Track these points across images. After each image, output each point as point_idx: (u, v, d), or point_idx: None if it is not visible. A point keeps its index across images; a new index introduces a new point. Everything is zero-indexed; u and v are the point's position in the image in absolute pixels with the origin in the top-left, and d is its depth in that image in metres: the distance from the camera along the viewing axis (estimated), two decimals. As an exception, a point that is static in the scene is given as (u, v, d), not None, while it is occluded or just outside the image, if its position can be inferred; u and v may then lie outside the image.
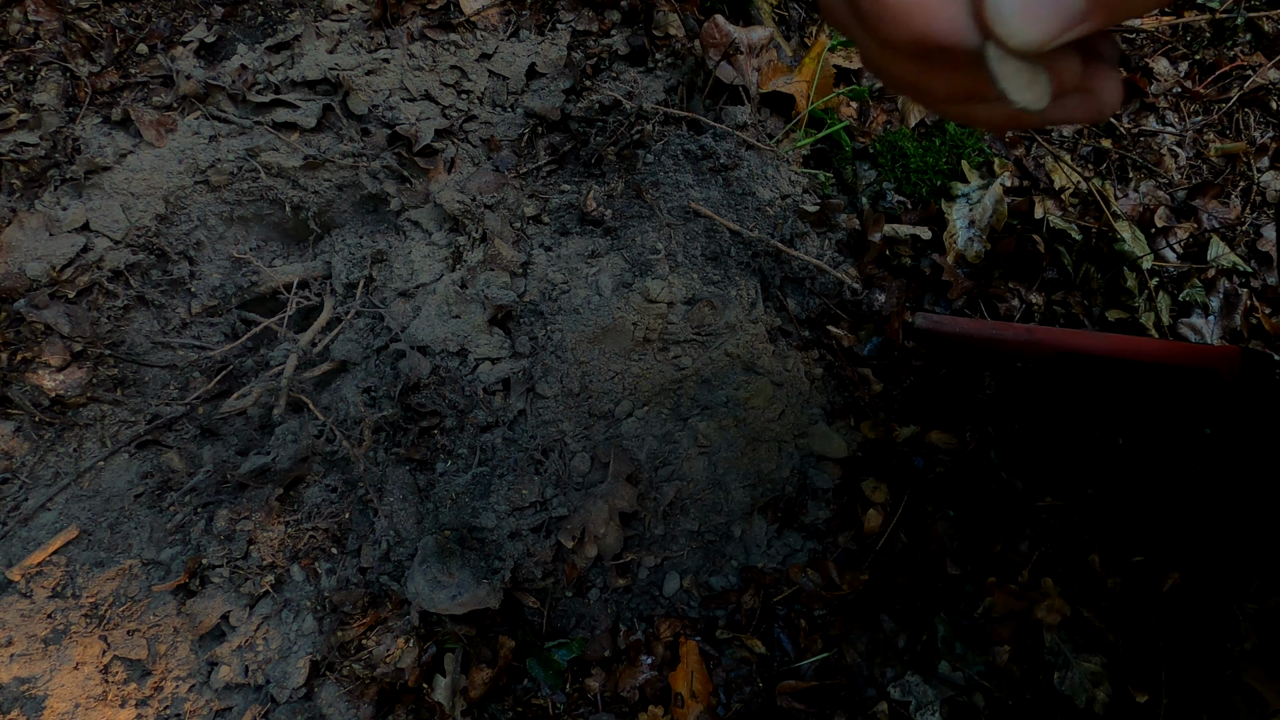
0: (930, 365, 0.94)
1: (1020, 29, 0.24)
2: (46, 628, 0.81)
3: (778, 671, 0.83)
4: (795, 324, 0.97)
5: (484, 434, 0.90)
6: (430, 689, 0.81)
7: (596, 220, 0.97)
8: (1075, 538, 0.87)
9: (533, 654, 0.84)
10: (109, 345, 0.95)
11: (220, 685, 0.81)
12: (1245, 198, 1.03)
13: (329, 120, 1.00)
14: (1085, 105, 0.27)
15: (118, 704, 0.80)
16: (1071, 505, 0.87)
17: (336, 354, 0.94)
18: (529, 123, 1.02)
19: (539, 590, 0.86)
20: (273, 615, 0.84)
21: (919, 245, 1.00)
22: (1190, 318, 0.97)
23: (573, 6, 1.08)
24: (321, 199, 1.01)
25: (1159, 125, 1.07)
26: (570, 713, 0.83)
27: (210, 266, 1.01)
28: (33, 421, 0.91)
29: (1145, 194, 1.04)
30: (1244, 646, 0.80)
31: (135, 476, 0.91)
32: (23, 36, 1.02)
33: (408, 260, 0.95)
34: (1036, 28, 0.24)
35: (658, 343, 0.91)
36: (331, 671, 0.81)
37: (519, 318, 0.93)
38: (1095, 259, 0.98)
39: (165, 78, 1.01)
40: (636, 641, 0.84)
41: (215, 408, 0.94)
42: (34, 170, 0.95)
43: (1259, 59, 1.09)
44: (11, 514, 0.87)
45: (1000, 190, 1.01)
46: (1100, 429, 0.83)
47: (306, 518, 0.87)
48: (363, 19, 1.04)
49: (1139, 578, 0.85)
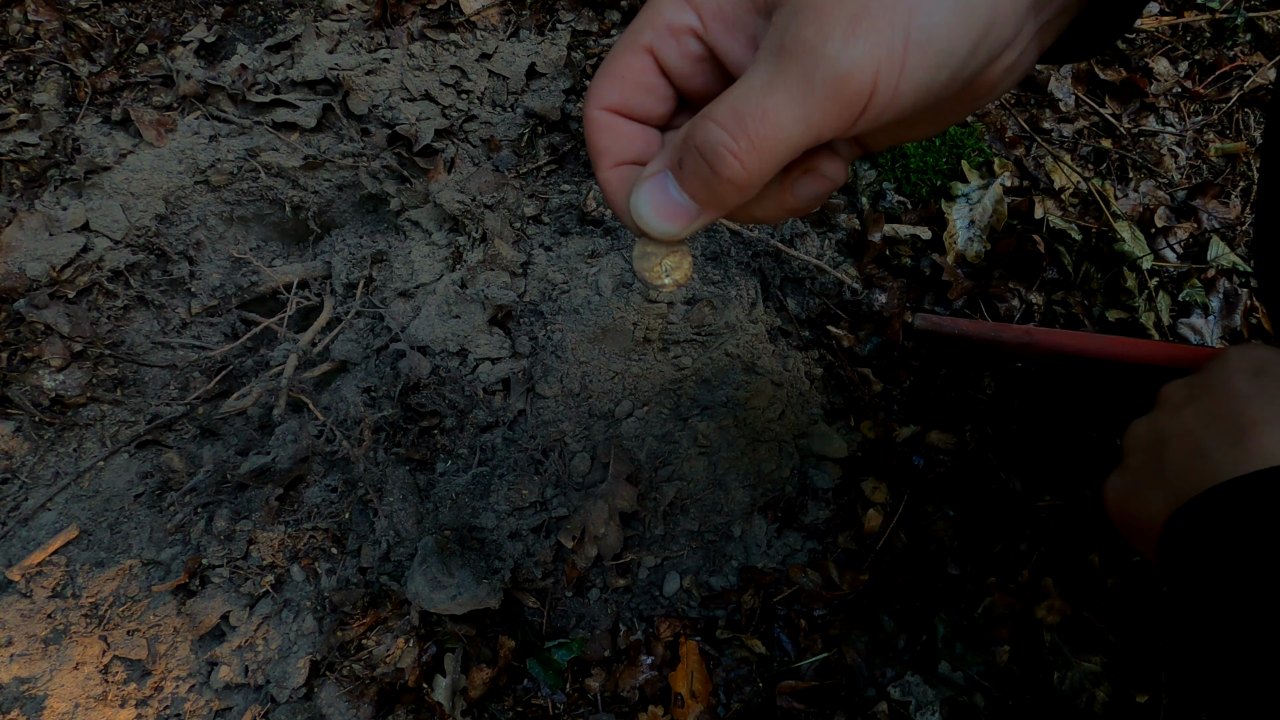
0: (930, 365, 0.94)
1: (654, 225, 0.33)
2: (46, 628, 0.81)
3: (778, 671, 0.83)
4: (795, 324, 0.97)
5: (484, 434, 0.90)
6: (430, 689, 0.81)
7: (596, 220, 0.97)
8: (1075, 538, 0.87)
9: (533, 654, 0.84)
10: (109, 345, 0.95)
11: (220, 685, 0.81)
12: (1245, 198, 1.03)
13: (329, 120, 1.00)
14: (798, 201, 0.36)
15: (118, 704, 0.80)
16: (1071, 505, 0.87)
17: (336, 354, 0.94)
18: (529, 123, 1.02)
19: (539, 590, 0.86)
20: (273, 615, 0.84)
21: (919, 245, 1.00)
22: (1190, 318, 0.97)
23: (573, 6, 1.08)
24: (321, 199, 1.01)
25: (1159, 125, 1.07)
26: (570, 713, 0.83)
27: (210, 266, 1.01)
28: (33, 421, 0.91)
29: (1145, 194, 1.04)
30: (1244, 646, 0.79)
31: (135, 476, 0.91)
32: (23, 36, 1.02)
33: (408, 260, 0.95)
34: (668, 226, 0.33)
35: (658, 343, 0.91)
36: (331, 671, 0.81)
37: (519, 318, 0.93)
38: (1095, 259, 0.98)
39: (165, 78, 1.01)
40: (636, 641, 0.84)
41: (215, 408, 0.94)
42: (34, 170, 0.95)
43: (1259, 59, 1.09)
44: (11, 514, 0.87)
45: (1000, 190, 1.01)
46: (1099, 430, 0.83)
47: (306, 518, 0.87)
48: (363, 19, 1.04)
49: (1139, 578, 0.85)
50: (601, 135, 0.35)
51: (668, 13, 0.33)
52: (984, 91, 0.35)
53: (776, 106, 0.28)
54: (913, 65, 0.28)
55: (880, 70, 0.27)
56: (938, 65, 0.29)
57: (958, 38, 0.29)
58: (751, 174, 0.30)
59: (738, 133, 0.29)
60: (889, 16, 0.27)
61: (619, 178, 0.35)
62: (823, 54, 0.27)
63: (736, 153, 0.29)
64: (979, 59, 0.30)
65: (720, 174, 0.30)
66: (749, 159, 0.29)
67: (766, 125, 0.28)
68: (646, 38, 0.34)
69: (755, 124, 0.29)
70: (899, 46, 0.27)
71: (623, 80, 0.34)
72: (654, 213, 0.33)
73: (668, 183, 0.32)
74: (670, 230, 0.33)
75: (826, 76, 0.27)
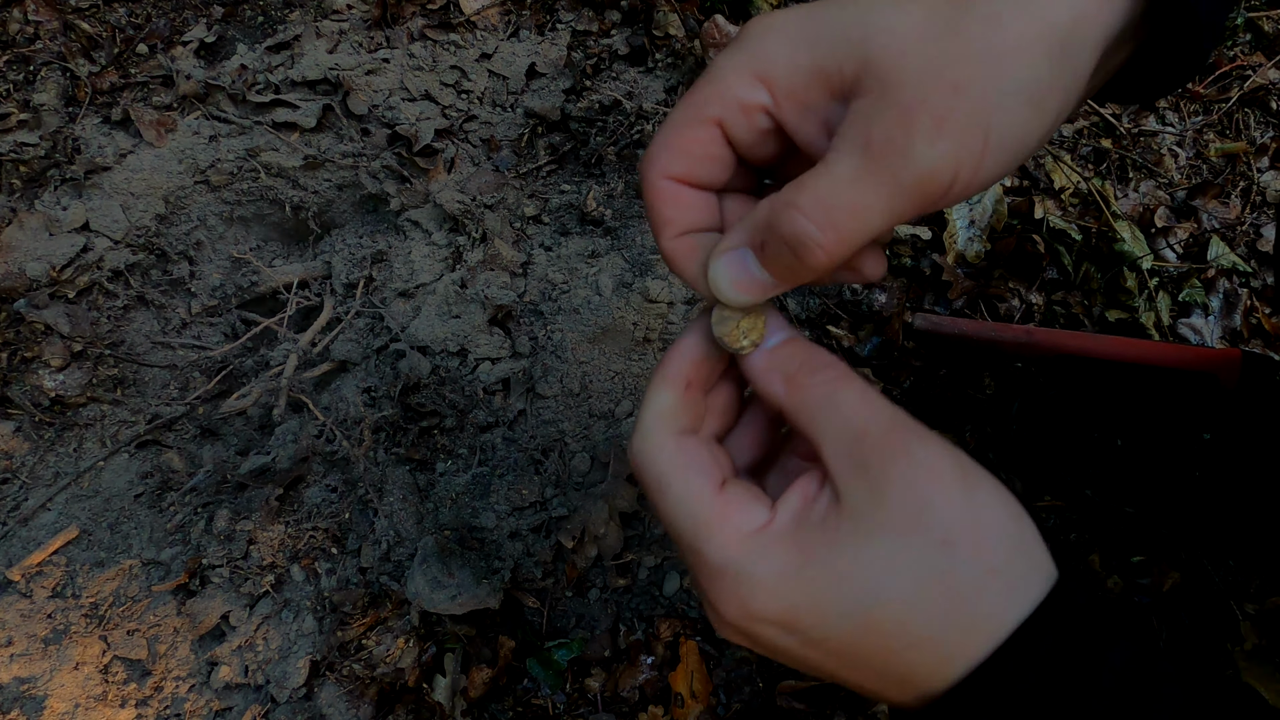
0: (930, 365, 0.94)
1: (732, 298, 0.35)
2: (46, 628, 0.81)
3: (778, 671, 0.83)
4: (795, 324, 0.97)
5: (484, 434, 0.90)
6: (430, 689, 0.81)
7: (596, 220, 0.97)
8: (1075, 538, 0.87)
9: (533, 654, 0.84)
10: (109, 345, 0.95)
11: (220, 685, 0.81)
12: (1245, 198, 1.03)
13: (329, 120, 1.00)
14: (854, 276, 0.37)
15: (118, 704, 0.80)
16: (1071, 505, 0.87)
17: (336, 354, 0.94)
18: (529, 123, 1.02)
19: (539, 590, 0.86)
20: (273, 615, 0.84)
21: (919, 245, 1.00)
22: (1190, 318, 0.97)
23: (573, 6, 1.08)
24: (321, 199, 1.01)
25: (1159, 125, 1.07)
26: (570, 713, 0.83)
27: (210, 266, 1.01)
28: (33, 421, 0.91)
29: (1145, 194, 1.04)
30: (1244, 646, 0.80)
31: (135, 476, 0.91)
32: (23, 36, 1.02)
33: (408, 260, 0.95)
34: (746, 299, 0.34)
35: (658, 343, 0.91)
36: (331, 671, 0.81)
37: (519, 318, 0.93)
38: (1095, 259, 0.98)
39: (165, 78, 1.01)
40: (636, 641, 0.84)
41: (215, 408, 0.94)
42: (34, 170, 0.95)
43: (1259, 59, 1.09)
44: (11, 514, 0.87)
45: (1000, 190, 1.01)
46: (1099, 431, 0.83)
47: (306, 518, 0.87)
48: (363, 19, 1.04)
49: (1139, 578, 0.85)
50: (666, 205, 0.36)
51: (739, 90, 0.33)
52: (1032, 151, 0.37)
53: (866, 203, 0.30)
54: (990, 162, 0.30)
55: (960, 168, 0.29)
56: (1012, 158, 0.30)
57: (1032, 133, 0.30)
58: (835, 261, 0.31)
59: (826, 226, 0.30)
60: (970, 118, 0.28)
61: (688, 246, 0.36)
62: (910, 156, 0.29)
63: (824, 244, 0.31)
64: (1045, 139, 0.32)
65: (805, 262, 0.31)
66: (835, 250, 0.31)
67: (855, 221, 0.30)
68: (715, 111, 0.34)
69: (845, 218, 0.30)
70: (979, 146, 0.29)
71: (689, 152, 0.35)
72: (732, 285, 0.34)
73: (747, 259, 0.34)
74: (747, 300, 0.35)
75: (914, 177, 0.29)
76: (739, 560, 0.32)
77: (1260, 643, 0.79)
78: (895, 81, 0.29)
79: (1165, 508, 0.82)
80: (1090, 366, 0.85)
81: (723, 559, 0.32)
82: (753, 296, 0.34)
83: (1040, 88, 0.29)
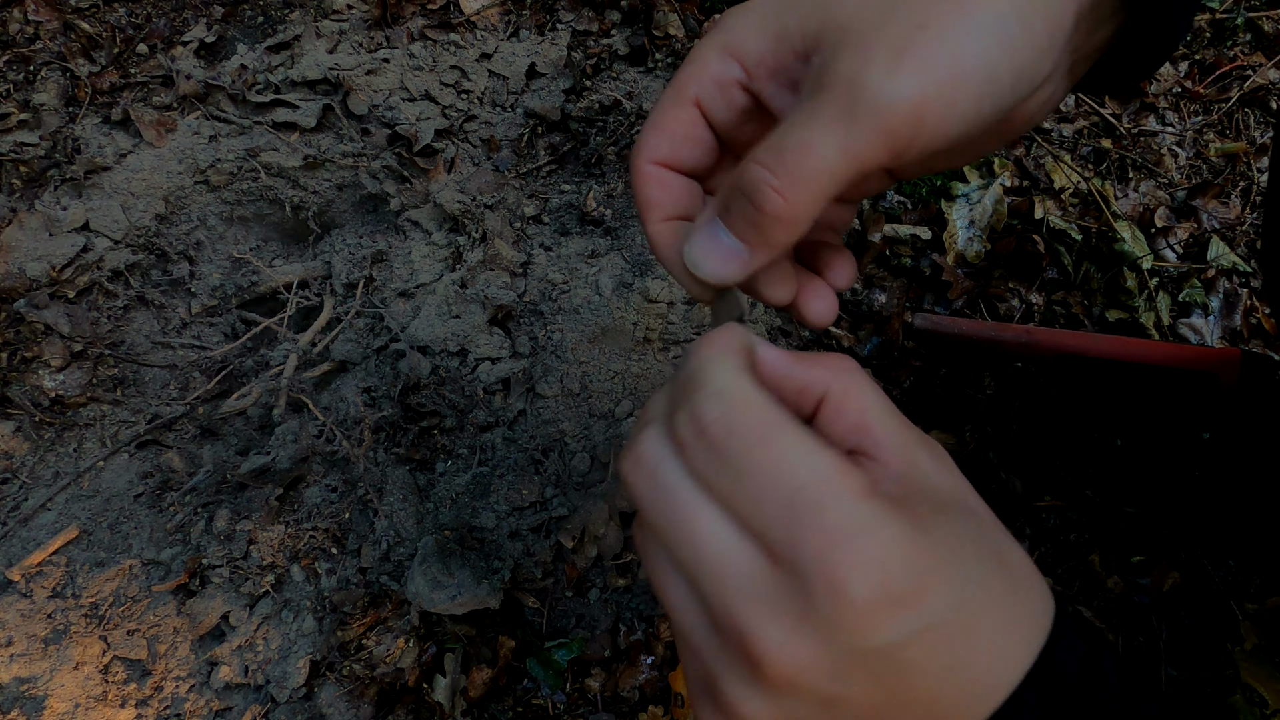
0: (930, 365, 0.94)
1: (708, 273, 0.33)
2: (46, 628, 0.81)
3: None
4: (795, 324, 0.97)
5: (484, 434, 0.90)
6: (430, 689, 0.81)
7: (596, 220, 0.97)
8: (1075, 538, 0.87)
9: (533, 654, 0.84)
10: (109, 345, 0.95)
11: (220, 685, 0.81)
12: (1245, 198, 1.03)
13: (329, 120, 1.00)
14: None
15: (118, 704, 0.80)
16: (1071, 505, 0.87)
17: (336, 354, 0.94)
18: (529, 123, 1.02)
19: (539, 590, 0.86)
20: (273, 615, 0.84)
21: (919, 245, 1.00)
22: (1190, 318, 0.97)
23: (573, 6, 1.08)
24: (321, 199, 1.01)
25: (1159, 125, 1.07)
26: (570, 713, 0.83)
27: (210, 266, 1.01)
28: (33, 421, 0.91)
29: (1145, 194, 1.04)
30: (1244, 646, 0.80)
31: (135, 476, 0.91)
32: (23, 36, 1.02)
33: (408, 260, 0.95)
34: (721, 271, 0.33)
35: (658, 343, 0.91)
36: (331, 671, 0.81)
37: (519, 318, 0.93)
38: (1095, 259, 0.98)
39: (165, 78, 1.01)
40: (636, 641, 0.84)
41: (215, 408, 0.94)
42: (34, 170, 0.95)
43: (1259, 59, 1.09)
44: (11, 514, 0.87)
45: (1000, 190, 1.01)
46: (1099, 430, 0.83)
47: (306, 518, 0.87)
48: (363, 19, 1.04)
49: (1139, 578, 0.85)
50: (651, 189, 0.35)
51: (712, 66, 0.33)
52: (1019, 124, 0.35)
53: (817, 139, 0.28)
54: (959, 98, 0.28)
55: (926, 103, 0.28)
56: (981, 97, 0.29)
57: (1001, 71, 0.29)
58: (795, 208, 0.29)
59: (778, 168, 0.29)
60: (933, 49, 0.27)
61: (670, 231, 0.36)
62: (864, 85, 0.27)
63: (778, 188, 0.29)
64: (1020, 91, 0.30)
65: (764, 210, 0.30)
66: (791, 192, 0.29)
67: (807, 157, 0.28)
68: (692, 91, 0.34)
69: (795, 157, 0.29)
70: (944, 78, 0.28)
71: (671, 134, 0.35)
72: (706, 259, 0.33)
73: (717, 229, 0.32)
74: (723, 275, 0.33)
75: (868, 107, 0.27)
76: (878, 516, 0.25)
77: (1260, 643, 0.79)
78: (854, 27, 0.29)
79: (1165, 508, 0.82)
80: (1090, 366, 0.85)
81: (857, 516, 0.25)
82: (729, 270, 0.32)
83: (1008, 26, 0.29)
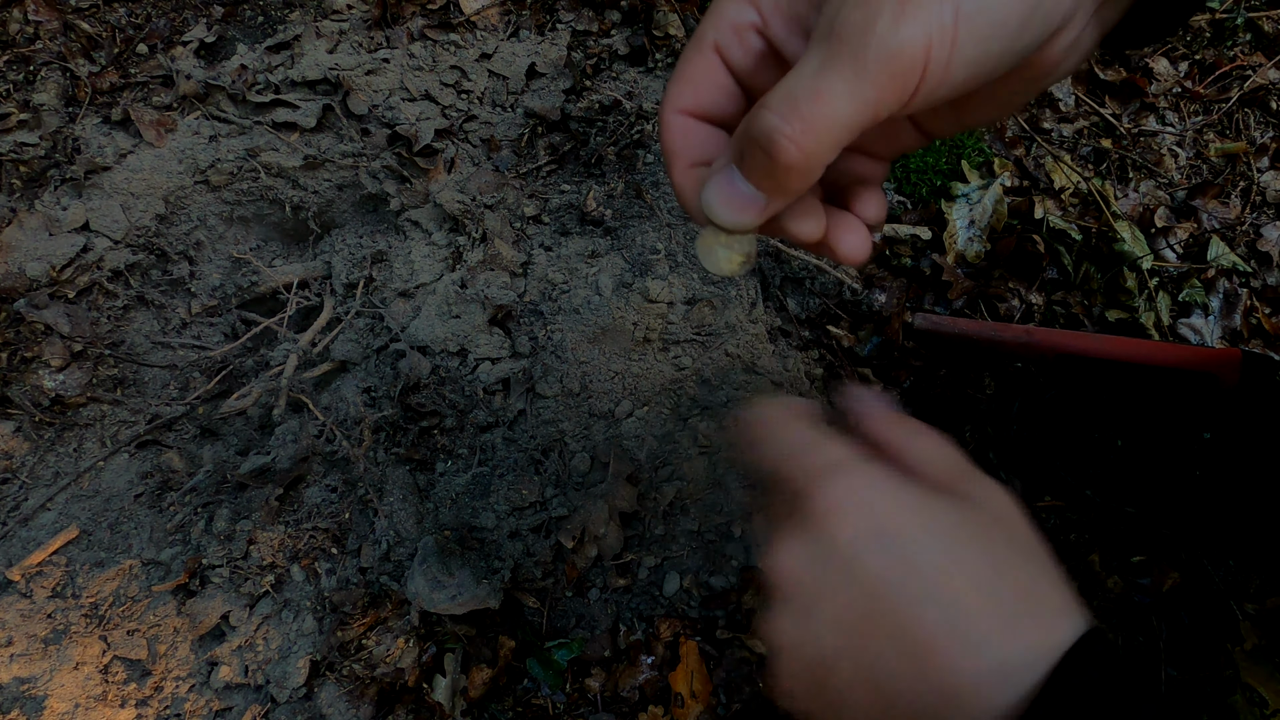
0: (930, 365, 0.94)
1: (724, 218, 0.33)
2: (46, 628, 0.81)
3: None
4: (795, 324, 0.97)
5: (484, 434, 0.90)
6: (430, 689, 0.81)
7: (596, 220, 0.97)
8: (1075, 538, 0.87)
9: (533, 654, 0.84)
10: (109, 345, 0.95)
11: (220, 685, 0.81)
12: (1245, 198, 1.03)
13: (329, 120, 1.00)
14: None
15: (118, 704, 0.80)
16: (1071, 505, 0.87)
17: (336, 354, 0.94)
18: (529, 123, 1.02)
19: (539, 590, 0.86)
20: (273, 615, 0.84)
21: (919, 245, 1.00)
22: (1190, 318, 0.97)
23: (573, 6, 1.07)
24: (321, 199, 1.01)
25: (1159, 125, 1.07)
26: (570, 713, 0.83)
27: (210, 266, 1.01)
28: (33, 421, 0.91)
29: (1145, 194, 1.04)
30: (1244, 646, 0.80)
31: (135, 476, 0.91)
32: (23, 36, 1.02)
33: (408, 260, 0.95)
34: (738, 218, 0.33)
35: (658, 343, 0.91)
36: (331, 671, 0.81)
37: (519, 318, 0.93)
38: (1095, 259, 0.98)
39: (165, 78, 1.01)
40: (636, 641, 0.84)
41: (215, 408, 0.94)
42: (34, 170, 0.95)
43: (1259, 59, 1.09)
44: (11, 514, 0.87)
45: (1000, 190, 1.01)
46: (1099, 431, 0.83)
47: (306, 518, 0.87)
48: (363, 19, 1.04)
49: (1139, 578, 0.85)
50: (675, 138, 0.36)
51: (730, 11, 0.34)
52: (1044, 71, 0.35)
53: (828, 86, 0.28)
54: (964, 39, 0.28)
55: (932, 45, 0.28)
56: (988, 38, 0.29)
57: (1008, 10, 0.29)
58: (808, 155, 0.30)
59: (791, 116, 0.29)
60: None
61: (694, 178, 0.36)
62: (872, 32, 0.28)
63: (791, 135, 0.29)
64: (1032, 33, 0.30)
65: (777, 159, 0.30)
66: (804, 140, 0.29)
67: (819, 105, 0.29)
68: (711, 37, 0.35)
69: (808, 105, 0.29)
70: (949, 21, 0.28)
71: (694, 82, 0.35)
72: (723, 205, 0.33)
73: (733, 175, 0.32)
74: (741, 221, 0.33)
75: (877, 53, 0.28)
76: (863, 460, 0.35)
77: (1260, 643, 0.79)
78: None
79: (1165, 508, 0.82)
80: (1090, 366, 0.85)
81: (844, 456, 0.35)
82: (746, 217, 0.33)
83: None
